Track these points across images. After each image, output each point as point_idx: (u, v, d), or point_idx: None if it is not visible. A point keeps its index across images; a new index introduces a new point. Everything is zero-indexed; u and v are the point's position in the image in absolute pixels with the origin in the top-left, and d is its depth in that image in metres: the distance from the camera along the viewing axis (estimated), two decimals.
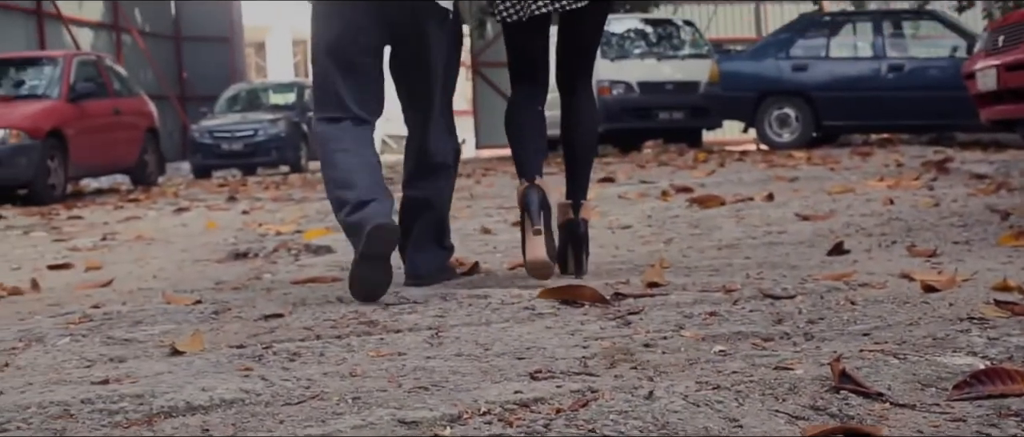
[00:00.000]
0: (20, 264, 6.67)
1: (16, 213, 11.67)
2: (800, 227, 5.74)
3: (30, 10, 22.78)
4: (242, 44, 31.52)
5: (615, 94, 19.57)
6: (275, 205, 10.73)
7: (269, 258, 6.07)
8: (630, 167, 13.07)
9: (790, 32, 17.82)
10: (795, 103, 16.98)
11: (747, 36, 29.98)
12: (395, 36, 4.27)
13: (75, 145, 14.81)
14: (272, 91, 25.34)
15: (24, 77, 16.03)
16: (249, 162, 22.31)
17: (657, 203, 7.52)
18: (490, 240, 6.08)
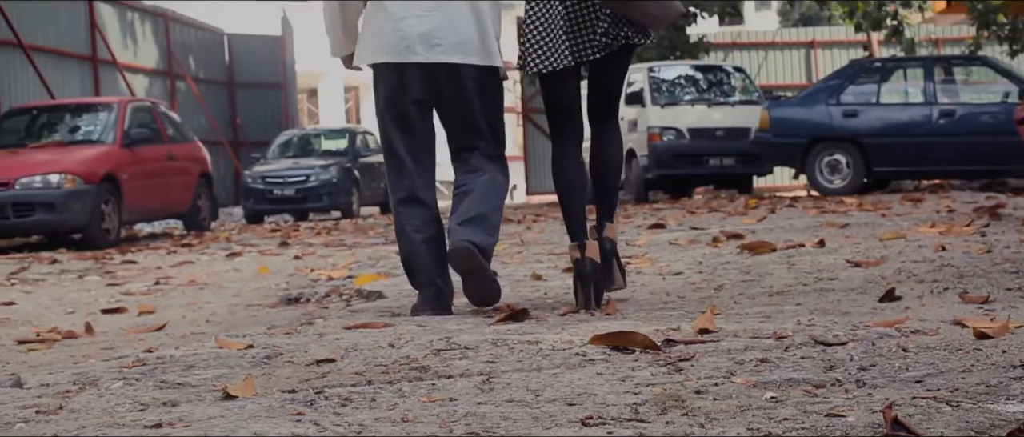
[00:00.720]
0: (74, 308, 6.72)
1: (71, 257, 11.77)
2: (851, 273, 5.72)
3: (85, 56, 23.00)
4: (295, 90, 31.71)
5: (666, 140, 19.58)
6: (327, 250, 10.77)
7: (321, 303, 6.10)
8: (681, 213, 13.05)
9: (840, 78, 17.75)
10: (846, 149, 16.89)
11: (797, 82, 29.94)
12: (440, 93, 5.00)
13: (129, 190, 14.93)
14: (324, 137, 25.47)
15: (79, 123, 16.21)
16: (301, 207, 22.43)
17: (708, 249, 7.51)
18: (541, 286, 6.08)
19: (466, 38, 4.97)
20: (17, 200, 13.69)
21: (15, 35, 19.94)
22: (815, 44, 31.61)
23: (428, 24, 4.94)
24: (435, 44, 4.95)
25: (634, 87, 20.20)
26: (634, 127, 20.21)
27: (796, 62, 31.47)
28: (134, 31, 25.63)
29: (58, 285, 8.56)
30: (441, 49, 4.95)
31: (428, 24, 4.94)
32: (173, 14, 28.04)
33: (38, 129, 16.05)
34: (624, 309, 4.85)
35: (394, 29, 4.97)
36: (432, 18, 4.94)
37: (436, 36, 4.94)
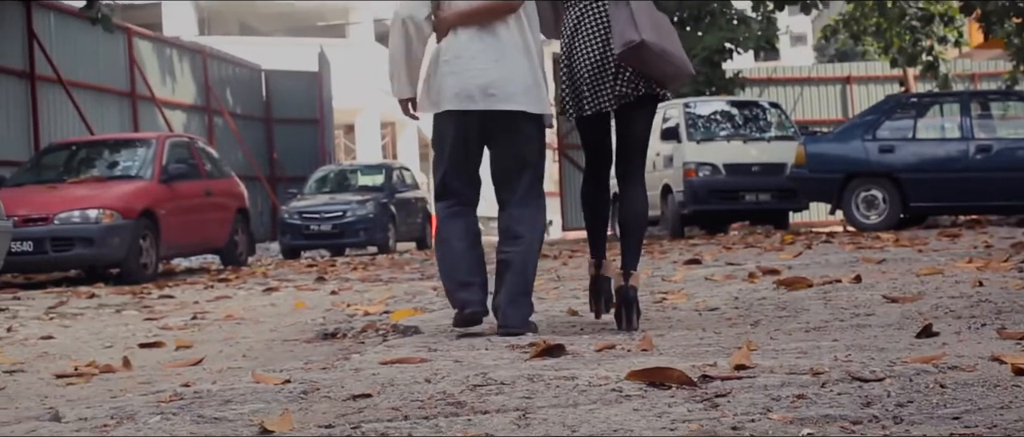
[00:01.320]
0: (112, 342, 6.76)
1: (108, 292, 11.82)
2: (888, 309, 5.70)
3: (124, 92, 23.16)
4: (332, 126, 31.80)
5: (701, 176, 19.56)
6: (363, 285, 10.80)
7: (357, 338, 6.11)
8: (716, 249, 13.03)
9: (876, 113, 17.70)
10: (882, 184, 16.83)
11: (833, 117, 29.90)
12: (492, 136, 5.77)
13: (167, 225, 15.00)
14: (361, 172, 25.53)
15: (118, 158, 16.29)
16: (337, 243, 22.49)
17: (744, 285, 7.49)
18: (576, 322, 6.09)
19: (519, 89, 5.68)
20: (56, 235, 13.77)
21: (55, 71, 20.11)
22: (851, 79, 31.57)
23: (486, 77, 5.65)
24: (491, 94, 5.65)
25: (670, 122, 20.21)
26: (670, 163, 20.20)
27: (832, 97, 31.42)
28: (172, 67, 25.79)
29: (96, 319, 8.60)
30: (496, 99, 5.65)
31: (486, 77, 5.65)
32: (211, 50, 28.21)
33: (77, 164, 16.14)
34: (660, 345, 4.85)
35: (457, 80, 5.69)
36: (490, 72, 5.66)
37: (492, 88, 5.65)
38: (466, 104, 5.68)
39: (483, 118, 5.70)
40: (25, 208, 13.78)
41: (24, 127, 19.55)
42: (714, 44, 23.00)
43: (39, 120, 19.80)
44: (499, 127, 5.73)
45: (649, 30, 5.55)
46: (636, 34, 5.50)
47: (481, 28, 5.73)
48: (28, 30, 19.73)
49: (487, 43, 5.71)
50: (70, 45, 21.18)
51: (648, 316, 6.09)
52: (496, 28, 5.73)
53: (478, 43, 5.71)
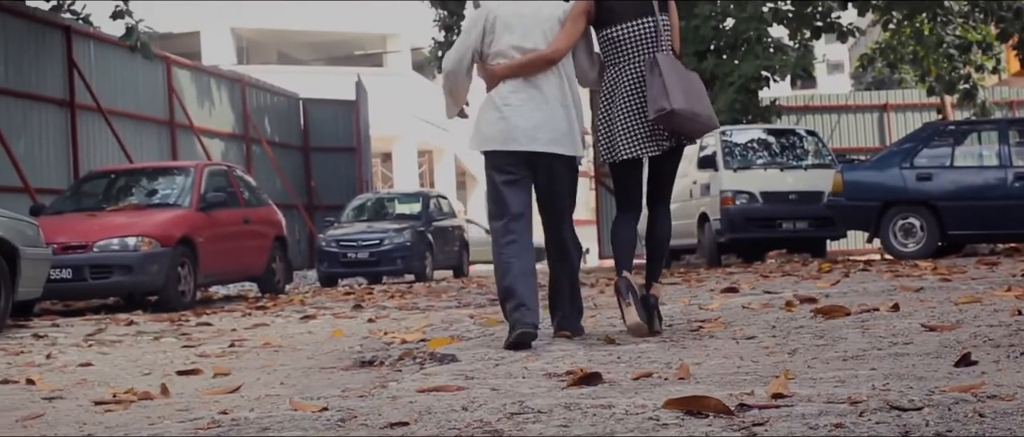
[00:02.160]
0: (150, 369, 6.79)
1: (147, 319, 11.87)
2: (926, 338, 5.68)
3: (163, 121, 23.30)
4: (369, 154, 31.90)
5: (738, 204, 19.53)
6: (401, 313, 10.81)
7: (394, 366, 6.12)
8: (753, 277, 13.00)
9: (914, 141, 17.62)
10: (920, 212, 16.75)
11: (870, 145, 29.82)
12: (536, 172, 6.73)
13: (205, 253, 15.06)
14: (398, 201, 25.59)
15: (157, 186, 16.37)
16: (375, 270, 22.53)
17: (781, 313, 7.47)
18: (614, 350, 6.08)
19: (558, 134, 6.64)
20: (95, 262, 13.83)
21: (95, 100, 20.26)
22: (888, 107, 31.50)
23: (530, 122, 6.60)
24: (534, 137, 6.59)
25: (707, 151, 20.20)
26: (706, 191, 20.18)
27: (869, 125, 31.36)
28: (211, 96, 25.93)
29: (134, 346, 8.64)
30: (539, 142, 6.60)
31: (530, 122, 6.60)
32: (249, 79, 28.36)
33: (116, 192, 16.22)
34: (697, 373, 4.84)
35: (505, 125, 6.63)
36: (533, 117, 6.61)
37: (535, 131, 6.60)
38: (511, 145, 6.61)
39: (526, 158, 6.64)
40: (64, 236, 13.86)
41: (64, 155, 19.69)
42: (750, 71, 22.96)
43: (78, 148, 19.95)
44: (540, 166, 6.69)
45: (680, 97, 6.45)
46: (668, 103, 6.41)
47: (525, 80, 6.67)
48: (68, 59, 19.89)
49: (530, 94, 6.65)
50: (109, 74, 21.34)
51: (685, 344, 6.09)
52: (538, 80, 6.67)
53: (522, 93, 6.65)
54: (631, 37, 6.70)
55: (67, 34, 19.96)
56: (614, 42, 6.75)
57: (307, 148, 30.71)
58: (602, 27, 6.80)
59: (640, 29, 6.69)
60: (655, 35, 6.69)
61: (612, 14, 6.74)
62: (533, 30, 6.72)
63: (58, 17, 20.39)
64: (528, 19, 6.74)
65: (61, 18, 20.42)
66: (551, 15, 6.77)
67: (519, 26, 6.72)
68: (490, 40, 6.77)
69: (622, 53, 6.72)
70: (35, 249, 11.23)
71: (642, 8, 6.71)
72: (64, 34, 19.93)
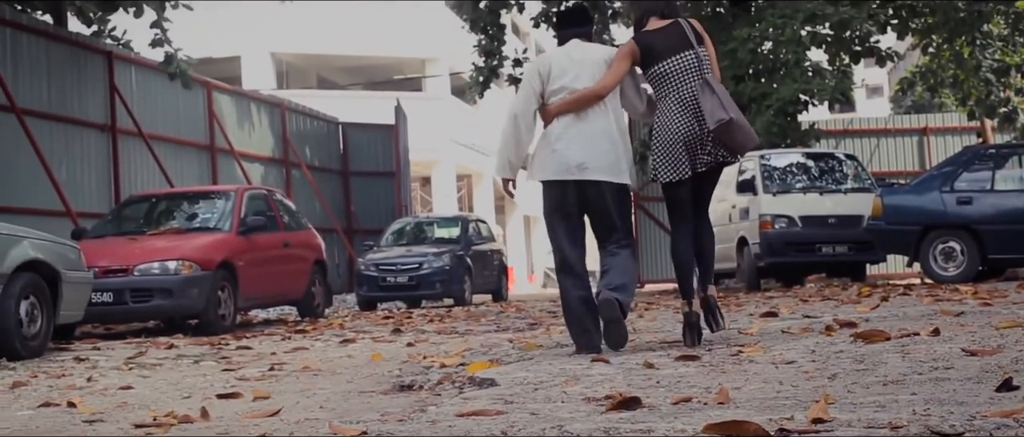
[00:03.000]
0: (190, 392, 6.82)
1: (187, 342, 11.92)
2: (967, 362, 5.65)
3: (204, 145, 23.43)
4: (408, 178, 31.99)
5: (777, 228, 19.52)
6: (439, 337, 10.83)
7: (433, 390, 6.13)
8: (793, 301, 12.96)
9: (954, 165, 17.56)
10: (960, 236, 16.68)
11: (910, 169, 29.71)
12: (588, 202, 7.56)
13: (245, 277, 15.11)
14: (437, 225, 25.63)
15: (197, 210, 16.45)
16: (414, 294, 22.54)
17: (821, 338, 7.45)
18: (653, 375, 6.08)
19: (607, 164, 7.46)
20: (135, 286, 13.90)
21: (136, 125, 20.39)
22: (928, 130, 31.38)
23: (582, 155, 7.43)
24: (586, 168, 7.42)
25: (746, 175, 20.18)
26: (746, 215, 20.16)
27: (909, 149, 31.24)
28: (251, 120, 26.06)
29: (174, 370, 8.68)
30: (590, 171, 7.43)
31: (582, 155, 7.43)
32: (289, 104, 28.48)
33: (157, 216, 16.31)
34: (737, 397, 4.84)
35: (558, 157, 7.48)
36: (584, 151, 7.44)
37: (587, 163, 7.43)
38: (564, 175, 7.48)
39: (578, 186, 7.49)
40: (106, 259, 13.95)
41: (105, 179, 19.83)
42: (788, 95, 22.91)
43: (120, 173, 20.07)
44: (591, 194, 7.50)
45: (734, 109, 7.37)
46: (725, 113, 7.29)
47: (576, 116, 7.50)
48: (110, 84, 20.03)
49: (580, 129, 7.50)
50: (151, 99, 21.48)
51: (724, 369, 6.08)
52: (588, 114, 7.50)
53: (574, 129, 7.50)
54: (676, 70, 7.51)
55: (109, 59, 20.11)
56: (661, 77, 7.56)
57: (346, 172, 30.81)
58: (648, 66, 7.60)
59: (683, 62, 7.51)
60: (698, 65, 7.51)
61: (654, 53, 7.57)
62: (583, 73, 7.56)
63: (100, 43, 20.54)
64: (578, 64, 7.61)
65: (103, 44, 20.57)
66: (598, 59, 7.66)
67: (571, 70, 7.58)
68: (548, 85, 7.60)
69: (670, 85, 7.53)
70: (76, 273, 11.31)
71: (680, 44, 7.56)
72: (106, 59, 20.07)
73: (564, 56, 7.70)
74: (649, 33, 7.72)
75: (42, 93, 18.26)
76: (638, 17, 8.01)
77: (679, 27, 7.67)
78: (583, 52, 7.70)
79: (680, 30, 7.65)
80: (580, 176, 7.45)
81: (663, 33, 7.66)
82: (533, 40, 56.33)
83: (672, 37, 7.62)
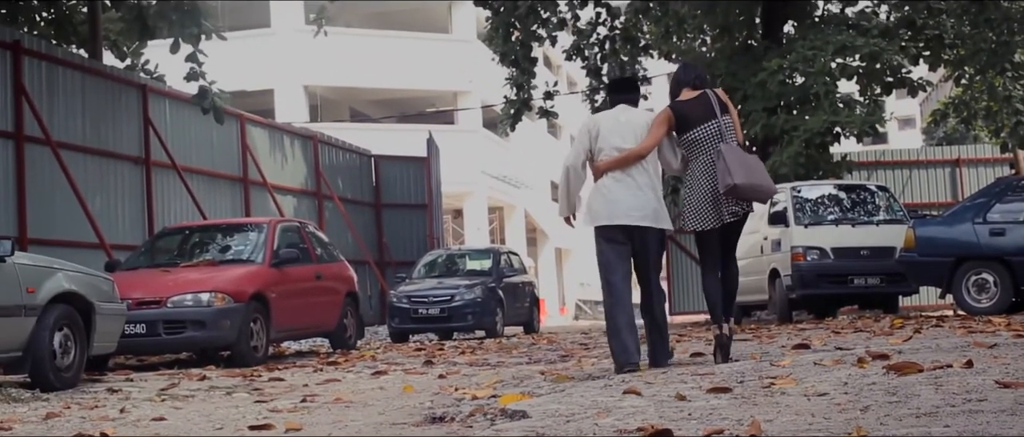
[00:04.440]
0: (223, 424, 6.85)
1: (219, 374, 11.96)
2: (1001, 395, 5.64)
3: (237, 177, 23.51)
4: (440, 211, 32.03)
5: (809, 260, 19.47)
6: (471, 369, 10.85)
7: (465, 422, 6.14)
8: (825, 333, 12.93)
9: (987, 196, 17.48)
10: (993, 268, 16.60)
11: (943, 200, 29.59)
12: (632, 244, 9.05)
13: (277, 308, 15.15)
14: (469, 257, 25.60)
15: (230, 242, 16.52)
16: (446, 326, 22.51)
17: (853, 370, 7.44)
18: (685, 407, 6.08)
19: (651, 212, 8.99)
20: (169, 318, 13.95)
21: (169, 157, 20.50)
22: (960, 162, 31.25)
23: (630, 203, 8.95)
24: (630, 214, 8.94)
25: (778, 207, 20.16)
26: (777, 247, 20.13)
27: (941, 180, 31.11)
28: (284, 153, 26.16)
29: (207, 401, 8.72)
30: (633, 217, 8.94)
31: (630, 203, 8.95)
32: (321, 136, 28.57)
33: (190, 248, 16.38)
34: (769, 430, 4.84)
35: (612, 206, 8.98)
36: (629, 200, 8.95)
37: (634, 210, 8.94)
38: (615, 221, 8.96)
39: (626, 230, 8.97)
40: (139, 291, 14.00)
41: (139, 211, 19.92)
42: (817, 126, 22.88)
43: (153, 205, 20.17)
44: (636, 237, 9.00)
45: (741, 174, 8.81)
46: (731, 179, 8.79)
47: (622, 171, 8.99)
48: (144, 117, 20.15)
49: (626, 183, 8.98)
50: (184, 131, 21.59)
51: (756, 401, 6.07)
52: (632, 171, 8.99)
53: (621, 183, 8.99)
54: (703, 137, 9.05)
55: (143, 93, 20.23)
56: (692, 143, 9.11)
57: (379, 204, 30.89)
58: (682, 132, 9.14)
59: (708, 130, 9.05)
60: (719, 133, 9.03)
61: (687, 120, 9.10)
62: (627, 134, 9.04)
63: (135, 76, 20.67)
64: (624, 126, 9.10)
65: (138, 77, 20.70)
66: (640, 122, 9.14)
67: (617, 132, 9.06)
68: (596, 143, 9.07)
69: (698, 150, 9.08)
70: (110, 304, 11.38)
71: (707, 114, 9.07)
72: (140, 93, 20.19)
73: (612, 119, 9.17)
74: (682, 103, 9.20)
75: (77, 126, 18.38)
76: (673, 85, 9.47)
77: (707, 98, 9.15)
78: (628, 116, 9.17)
79: (707, 101, 9.13)
80: (627, 221, 8.94)
81: (694, 103, 9.14)
82: (565, 73, 56.44)
83: (701, 108, 9.11)
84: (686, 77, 9.40)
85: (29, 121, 16.91)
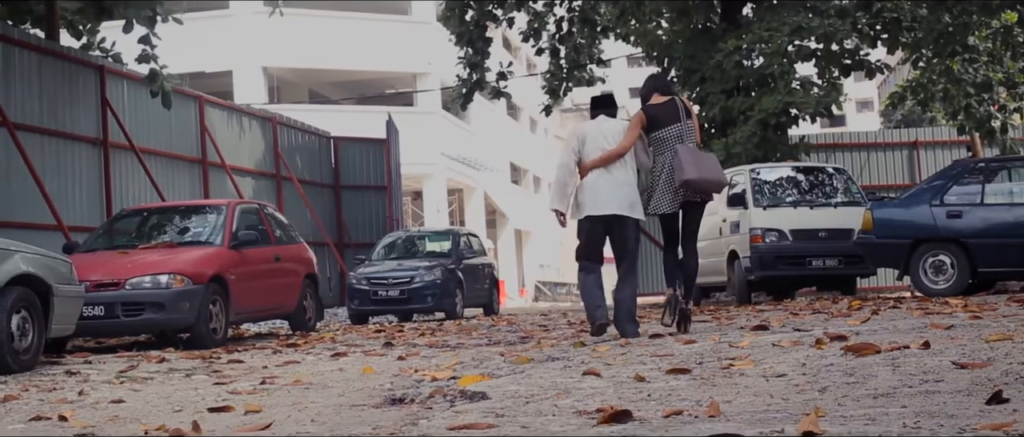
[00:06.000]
0: (182, 406, 6.82)
1: (178, 356, 11.92)
2: (957, 375, 5.68)
3: (195, 159, 23.43)
4: (400, 192, 32.00)
5: (768, 242, 19.55)
6: (431, 351, 10.84)
7: (425, 404, 6.14)
8: (783, 315, 12.99)
9: (944, 178, 17.55)
10: (950, 250, 16.68)
11: (900, 183, 29.75)
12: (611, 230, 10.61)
13: (236, 290, 15.10)
14: (428, 239, 25.59)
15: (189, 224, 16.44)
16: (405, 308, 22.50)
17: (811, 351, 7.48)
18: (644, 387, 6.10)
19: (628, 204, 10.55)
20: (127, 299, 13.88)
21: (128, 139, 20.40)
22: (918, 144, 31.42)
23: (608, 194, 10.50)
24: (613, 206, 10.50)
25: (737, 189, 20.22)
26: (736, 229, 20.19)
27: (899, 163, 31.27)
28: (242, 134, 26.08)
29: (166, 383, 8.69)
30: (614, 206, 10.50)
31: (608, 194, 10.50)
32: (280, 118, 28.49)
33: (148, 230, 16.30)
34: (728, 411, 4.86)
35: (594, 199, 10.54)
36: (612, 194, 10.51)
37: (613, 200, 10.51)
38: (598, 210, 10.54)
39: (605, 220, 10.55)
40: (97, 273, 13.94)
41: (97, 193, 19.83)
42: (770, 107, 22.96)
43: (111, 187, 20.08)
44: (614, 225, 10.59)
45: (693, 170, 10.43)
46: (684, 175, 10.42)
47: (605, 169, 10.58)
48: (102, 98, 20.04)
49: (607, 179, 10.56)
50: (142, 113, 21.47)
51: (715, 382, 6.10)
52: (612, 168, 10.59)
53: (602, 179, 10.57)
54: (668, 137, 10.70)
55: (101, 74, 20.12)
56: (659, 141, 10.76)
57: (338, 186, 30.84)
58: (651, 131, 10.79)
59: (672, 132, 10.69)
60: (681, 134, 10.70)
61: (656, 121, 10.76)
62: (610, 138, 10.67)
63: (92, 57, 20.55)
64: (604, 133, 10.72)
65: (95, 58, 20.58)
66: (618, 130, 10.77)
67: (600, 137, 10.70)
68: (583, 147, 10.72)
69: (664, 147, 10.73)
70: (68, 286, 11.31)
71: (673, 118, 10.73)
72: (98, 74, 20.08)
73: (595, 128, 10.81)
74: (653, 106, 10.85)
75: (34, 107, 18.27)
76: (644, 91, 11.10)
77: (674, 104, 10.83)
78: (608, 125, 10.83)
79: (675, 107, 10.81)
80: (607, 212, 10.52)
81: (663, 107, 10.81)
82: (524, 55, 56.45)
83: (669, 111, 10.77)
84: (656, 84, 11.14)
85: None
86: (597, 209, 10.54)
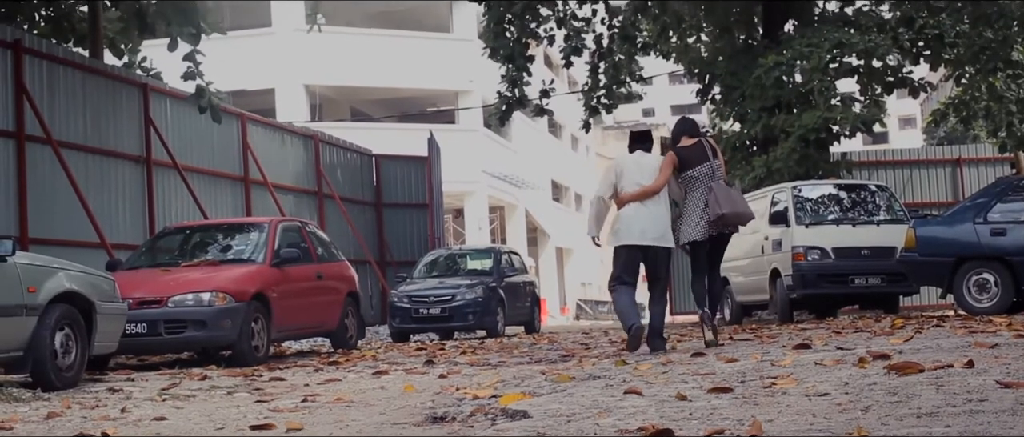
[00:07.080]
0: (223, 424, 6.84)
1: (220, 373, 11.96)
2: (1002, 395, 5.64)
3: (238, 177, 23.51)
4: (441, 210, 32.01)
5: (810, 260, 19.46)
6: (472, 369, 10.84)
7: (466, 422, 6.14)
8: (826, 333, 12.94)
9: (988, 196, 17.45)
10: (994, 268, 16.58)
11: (943, 200, 29.57)
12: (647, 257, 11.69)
13: (278, 308, 15.13)
14: (470, 257, 25.57)
15: (231, 242, 16.49)
16: (446, 326, 22.47)
17: (854, 370, 7.44)
18: (685, 406, 6.08)
19: (661, 234, 11.64)
20: (169, 317, 13.93)
21: (170, 157, 20.51)
22: (961, 161, 31.23)
23: (644, 225, 11.56)
24: (648, 234, 11.56)
25: (778, 206, 20.17)
26: (778, 247, 20.12)
27: (942, 180, 31.08)
28: (285, 152, 26.16)
29: (208, 401, 8.71)
30: (649, 237, 11.57)
31: (644, 225, 11.56)
32: (322, 136, 28.57)
33: (191, 248, 16.37)
34: (769, 430, 4.84)
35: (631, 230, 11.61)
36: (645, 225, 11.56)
37: (648, 232, 11.56)
38: (634, 241, 11.61)
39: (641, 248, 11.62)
40: (140, 291, 13.99)
41: (140, 211, 19.92)
42: (811, 123, 22.86)
43: (154, 204, 20.17)
44: (648, 254, 11.66)
45: (727, 205, 11.59)
46: (719, 210, 11.58)
47: (640, 203, 11.61)
48: (145, 116, 20.15)
49: (642, 213, 11.60)
50: (185, 131, 21.58)
51: (757, 401, 6.08)
52: (647, 203, 11.60)
53: (641, 211, 11.61)
54: (698, 176, 11.82)
55: (144, 92, 20.23)
56: (690, 180, 11.89)
57: (379, 204, 30.89)
58: (682, 171, 11.89)
59: (702, 170, 11.83)
60: (711, 173, 11.82)
61: (687, 162, 11.85)
62: (645, 173, 11.72)
63: (135, 75, 20.67)
64: (641, 167, 11.77)
65: (138, 76, 20.70)
66: (654, 165, 11.80)
67: (636, 171, 11.74)
68: (620, 180, 11.73)
69: (695, 184, 11.85)
70: (111, 304, 11.37)
71: (702, 158, 11.84)
72: (141, 92, 20.20)
73: (632, 162, 11.85)
74: (683, 148, 11.95)
75: (78, 125, 18.39)
76: (674, 134, 12.24)
77: (701, 146, 11.94)
78: (645, 160, 11.86)
79: (702, 148, 11.92)
80: (643, 242, 11.58)
81: (692, 149, 11.91)
82: (565, 74, 56.48)
83: (697, 152, 11.87)
84: (684, 128, 12.26)
85: (30, 120, 16.91)
86: (632, 239, 11.61)
